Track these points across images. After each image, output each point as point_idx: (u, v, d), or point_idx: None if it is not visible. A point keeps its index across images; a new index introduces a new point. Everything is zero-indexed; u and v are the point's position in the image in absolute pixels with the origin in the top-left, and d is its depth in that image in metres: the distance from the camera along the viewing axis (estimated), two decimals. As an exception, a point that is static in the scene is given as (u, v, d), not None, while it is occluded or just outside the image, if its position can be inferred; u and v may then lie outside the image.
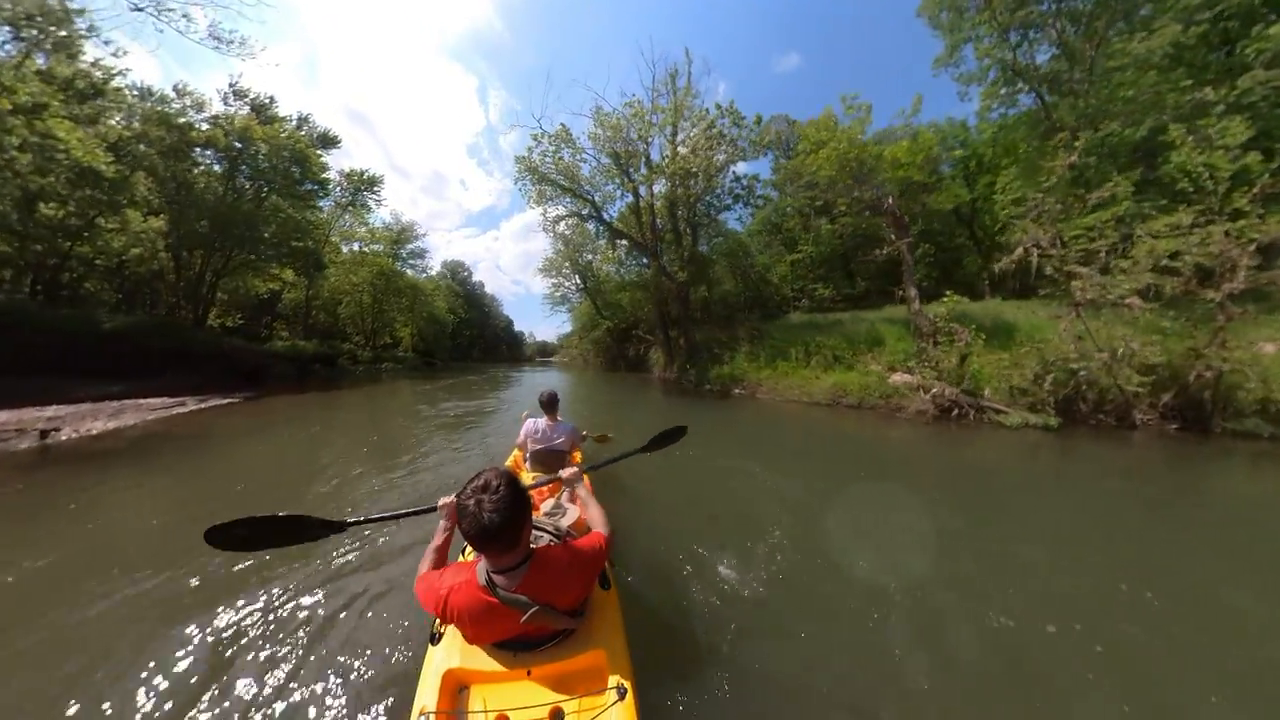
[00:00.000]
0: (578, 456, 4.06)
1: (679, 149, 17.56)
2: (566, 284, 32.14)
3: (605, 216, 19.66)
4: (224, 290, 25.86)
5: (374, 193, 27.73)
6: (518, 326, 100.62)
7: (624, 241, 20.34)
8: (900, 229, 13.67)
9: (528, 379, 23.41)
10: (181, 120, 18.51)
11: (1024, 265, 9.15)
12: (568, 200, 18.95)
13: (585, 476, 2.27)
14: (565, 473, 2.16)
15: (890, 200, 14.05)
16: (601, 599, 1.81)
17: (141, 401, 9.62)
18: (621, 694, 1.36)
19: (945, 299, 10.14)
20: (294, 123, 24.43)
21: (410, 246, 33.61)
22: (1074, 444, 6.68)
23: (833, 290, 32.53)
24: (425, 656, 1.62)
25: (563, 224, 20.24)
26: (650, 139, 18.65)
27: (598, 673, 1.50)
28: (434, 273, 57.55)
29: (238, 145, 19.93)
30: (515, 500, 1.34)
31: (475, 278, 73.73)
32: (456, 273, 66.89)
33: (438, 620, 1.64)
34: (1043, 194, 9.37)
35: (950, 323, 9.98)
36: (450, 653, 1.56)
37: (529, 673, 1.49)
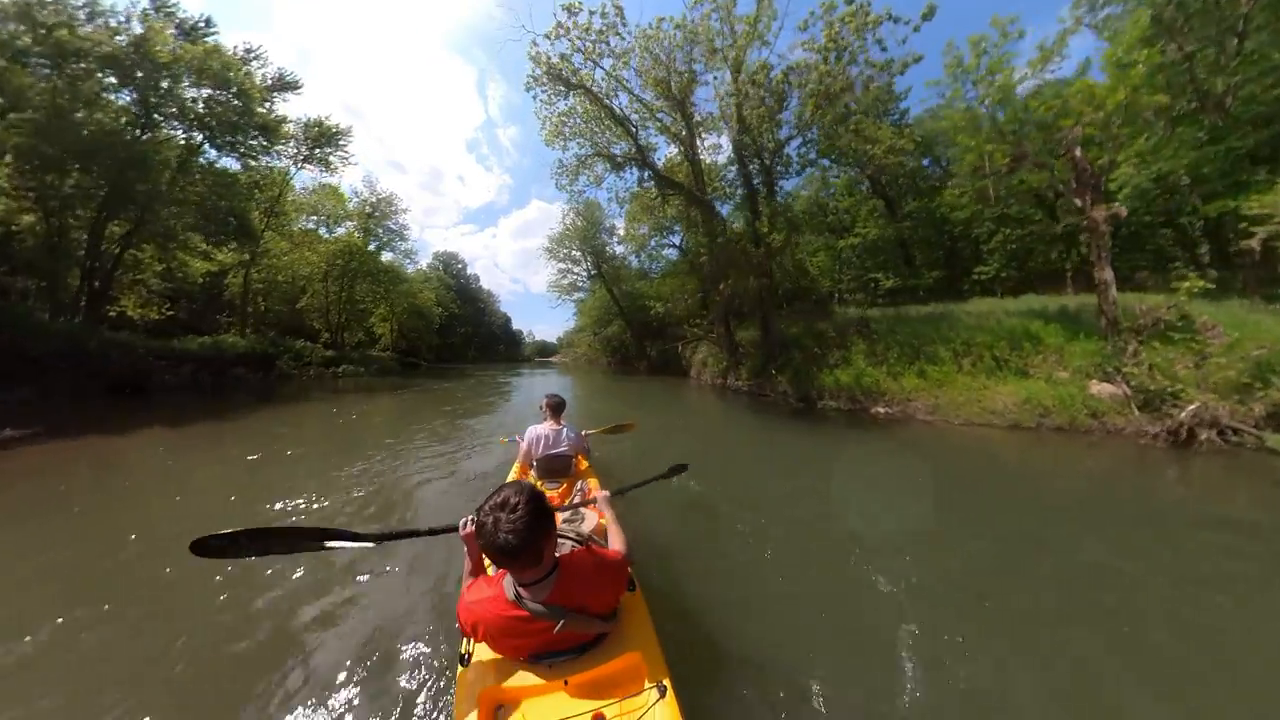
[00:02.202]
0: (584, 462, 3.67)
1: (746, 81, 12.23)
2: (576, 270, 26.78)
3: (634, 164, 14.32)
4: (150, 270, 20.54)
5: (338, 148, 22.18)
6: (516, 325, 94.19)
7: (672, 195, 14.95)
8: (1093, 190, 9.27)
9: (524, 388, 18.05)
10: (49, 17, 13.07)
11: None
12: (598, 136, 13.59)
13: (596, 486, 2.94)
14: (599, 495, 2.14)
15: (1077, 151, 9.50)
16: (629, 601, 1.79)
17: None
18: (662, 692, 1.34)
19: (1187, 283, 8.02)
20: (238, 54, 18.90)
21: (388, 224, 27.71)
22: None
23: (896, 280, 28.42)
24: (456, 680, 1.52)
25: (584, 176, 14.83)
26: (698, 70, 13.46)
27: (635, 674, 1.46)
28: (424, 265, 52.32)
29: (136, 62, 14.47)
30: (536, 518, 1.26)
31: (470, 271, 67.94)
32: (450, 265, 61.27)
33: (465, 641, 1.60)
34: None
35: (1181, 317, 7.91)
36: (483, 672, 1.49)
37: (566, 682, 1.43)
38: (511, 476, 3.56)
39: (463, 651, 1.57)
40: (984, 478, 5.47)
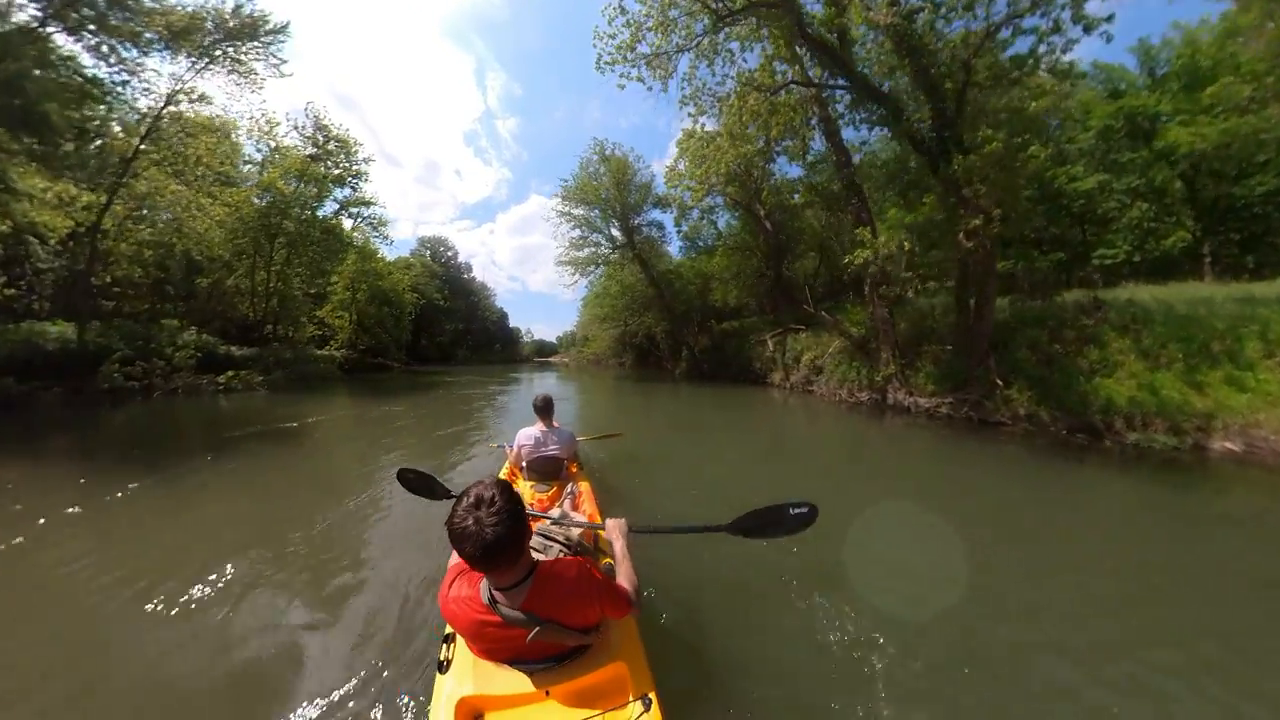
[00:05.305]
0: (574, 466, 3.59)
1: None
2: (595, 237, 20.25)
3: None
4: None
5: (264, 44, 14.22)
6: (513, 323, 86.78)
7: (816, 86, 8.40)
8: None
9: (517, 409, 11.53)
10: None
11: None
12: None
13: (595, 512, 2.70)
14: (610, 523, 1.86)
15: None
16: None
17: None
18: (647, 705, 1.27)
19: None
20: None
21: (349, 187, 20.65)
22: None
23: (1007, 263, 22.53)
24: (434, 686, 1.43)
25: (643, 47, 8.09)
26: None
27: (619, 686, 1.38)
28: (408, 254, 45.71)
29: None
30: (515, 511, 1.15)
31: (461, 259, 60.95)
32: (437, 252, 54.53)
33: (444, 646, 1.53)
34: None
35: None
36: (461, 679, 1.39)
37: (547, 693, 1.35)
38: (502, 475, 3.29)
39: (441, 657, 1.50)
40: None
